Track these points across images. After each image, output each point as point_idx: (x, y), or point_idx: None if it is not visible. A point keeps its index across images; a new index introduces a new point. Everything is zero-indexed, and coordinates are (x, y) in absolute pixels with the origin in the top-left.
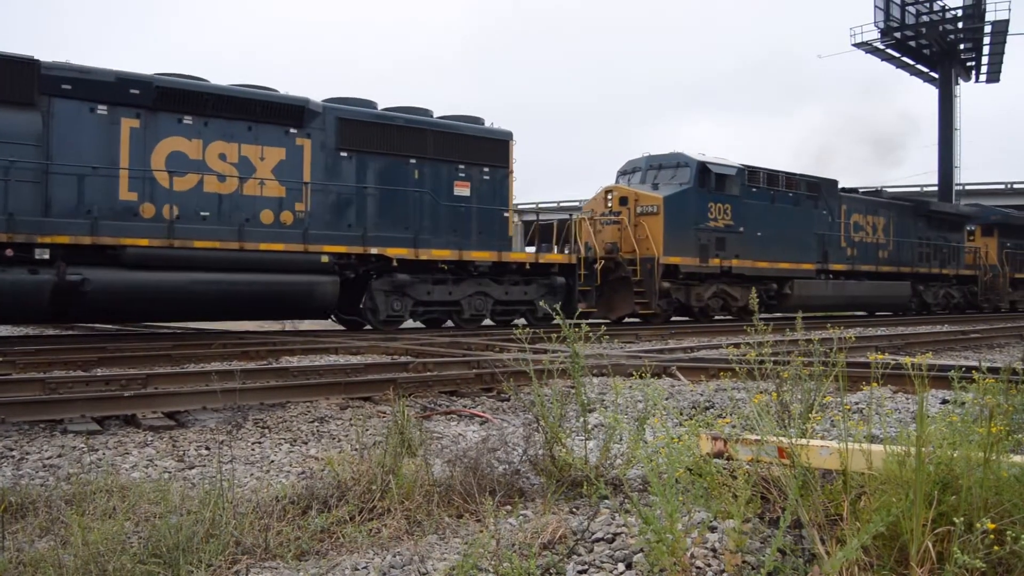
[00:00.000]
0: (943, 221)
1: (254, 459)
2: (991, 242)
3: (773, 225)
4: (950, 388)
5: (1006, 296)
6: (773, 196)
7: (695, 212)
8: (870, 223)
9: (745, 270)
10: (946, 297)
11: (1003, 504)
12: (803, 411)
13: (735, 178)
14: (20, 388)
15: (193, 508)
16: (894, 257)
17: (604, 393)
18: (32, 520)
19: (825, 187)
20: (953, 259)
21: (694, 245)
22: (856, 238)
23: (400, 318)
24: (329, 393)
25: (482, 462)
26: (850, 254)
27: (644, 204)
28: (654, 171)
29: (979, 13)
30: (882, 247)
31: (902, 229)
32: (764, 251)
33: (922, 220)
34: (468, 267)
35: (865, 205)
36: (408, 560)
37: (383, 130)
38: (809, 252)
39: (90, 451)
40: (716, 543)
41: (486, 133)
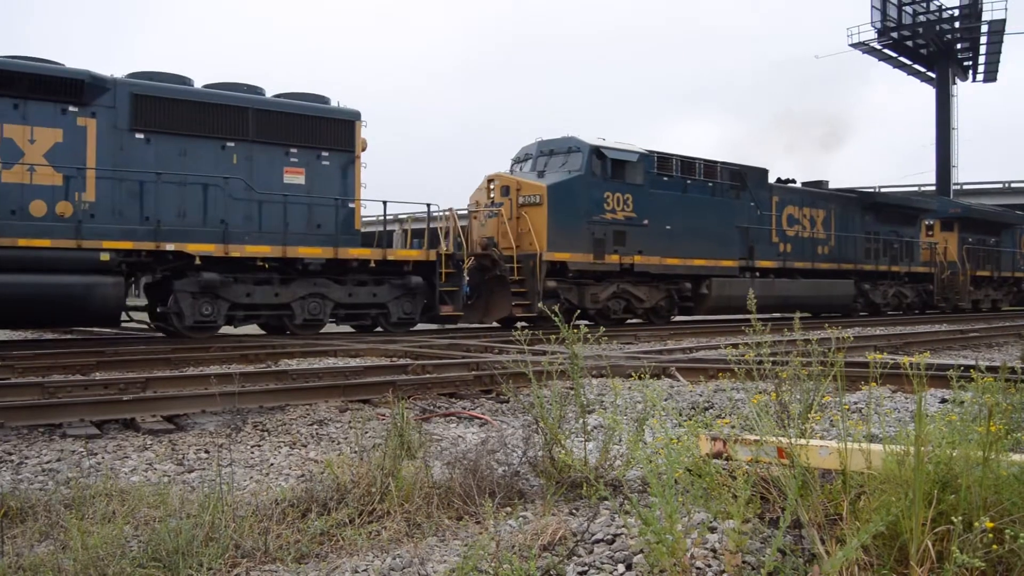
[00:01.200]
0: (894, 214)
1: (253, 462)
2: (951, 237)
3: (686, 218)
4: (949, 387)
5: (967, 295)
6: (686, 186)
7: (587, 203)
8: (807, 216)
9: (651, 268)
10: (897, 297)
11: (1002, 503)
12: (802, 411)
13: (637, 165)
14: (19, 392)
15: (193, 512)
16: (836, 253)
17: (603, 394)
18: (31, 525)
19: (752, 177)
20: (906, 255)
21: (587, 240)
22: (791, 232)
23: (212, 324)
24: (328, 396)
25: (481, 464)
26: (783, 250)
27: (526, 194)
28: (544, 157)
29: (976, 13)
30: (822, 242)
31: (846, 223)
32: (675, 246)
33: (870, 213)
34: (296, 265)
35: (801, 197)
36: (408, 562)
37: (192, 109)
38: (731, 247)
39: (89, 455)
40: (716, 543)
41: (325, 113)
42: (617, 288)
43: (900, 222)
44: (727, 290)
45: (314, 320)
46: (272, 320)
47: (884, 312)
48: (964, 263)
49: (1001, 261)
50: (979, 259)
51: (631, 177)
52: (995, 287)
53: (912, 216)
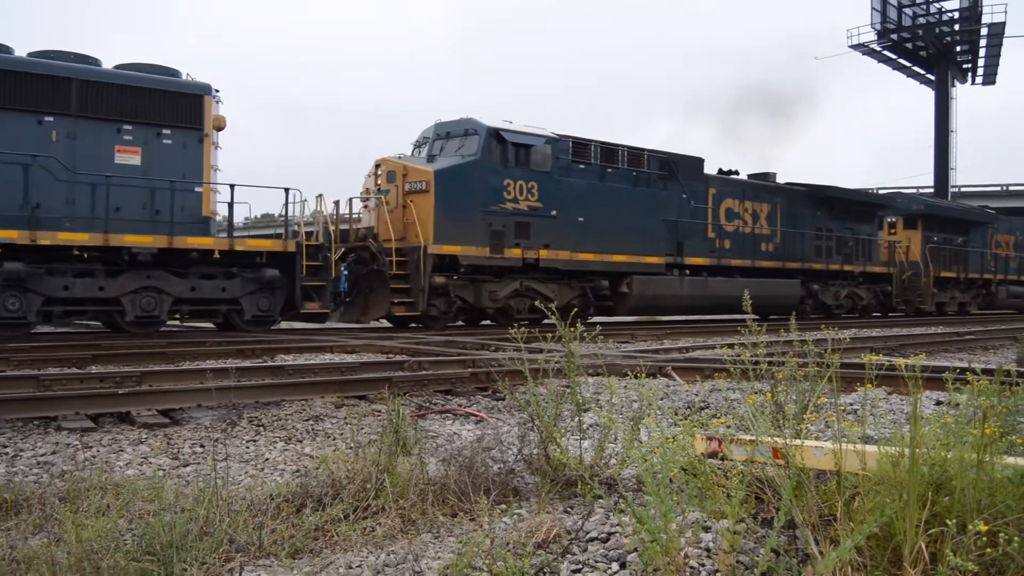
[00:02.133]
0: (850, 210)
1: (249, 457)
2: (914, 235)
3: (604, 209)
4: (944, 389)
5: (930, 297)
6: (605, 174)
7: (484, 190)
8: (749, 210)
9: (559, 263)
10: (851, 298)
11: (996, 506)
12: (798, 412)
13: (544, 150)
14: (14, 385)
15: (187, 506)
16: (781, 250)
17: (599, 393)
18: (26, 517)
19: (684, 166)
20: (862, 254)
21: (482, 231)
22: (729, 227)
23: (22, 320)
24: (324, 391)
25: (477, 461)
26: (720, 246)
27: (413, 180)
28: (441, 141)
29: (976, 15)
30: (766, 239)
31: (794, 218)
32: (590, 240)
33: (822, 208)
34: (122, 255)
35: (743, 189)
36: (402, 559)
37: (2, 79)
38: (656, 242)
39: (84, 448)
40: (710, 543)
41: (167, 86)
42: (520, 285)
43: (856, 219)
44: (651, 289)
45: (149, 317)
46: (101, 316)
47: (837, 315)
48: (928, 263)
49: (969, 262)
50: (945, 259)
51: (537, 163)
52: (962, 289)
53: (869, 213)
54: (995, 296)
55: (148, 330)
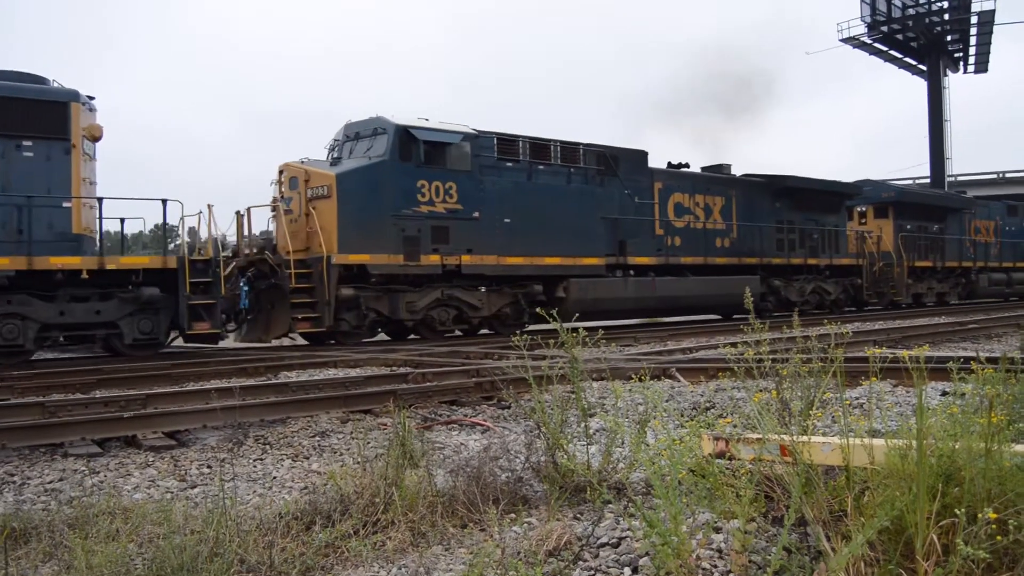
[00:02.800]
0: (814, 200)
1: (256, 476)
2: (886, 224)
3: (534, 209)
4: (949, 380)
5: (905, 288)
6: (534, 171)
7: (394, 193)
8: (701, 205)
9: (485, 268)
10: (817, 293)
11: (1006, 494)
12: (803, 408)
13: (462, 147)
14: (19, 412)
15: (196, 527)
16: (738, 246)
17: (604, 397)
18: (35, 545)
19: (626, 160)
20: (829, 246)
21: (394, 238)
22: (679, 223)
23: None
24: (329, 407)
25: (485, 471)
26: (671, 243)
27: (315, 185)
28: (351, 143)
29: (965, 4)
30: (721, 234)
31: (752, 211)
32: (519, 243)
33: (783, 200)
34: None
35: (693, 183)
36: (414, 572)
37: None
38: (594, 242)
39: (91, 474)
40: (721, 544)
41: (25, 93)
42: (441, 294)
43: (821, 209)
44: (591, 292)
45: (9, 346)
46: None
47: (805, 312)
48: (901, 253)
49: (946, 250)
50: (920, 248)
51: (455, 162)
52: (939, 279)
53: (835, 202)
54: (976, 285)
55: (12, 360)
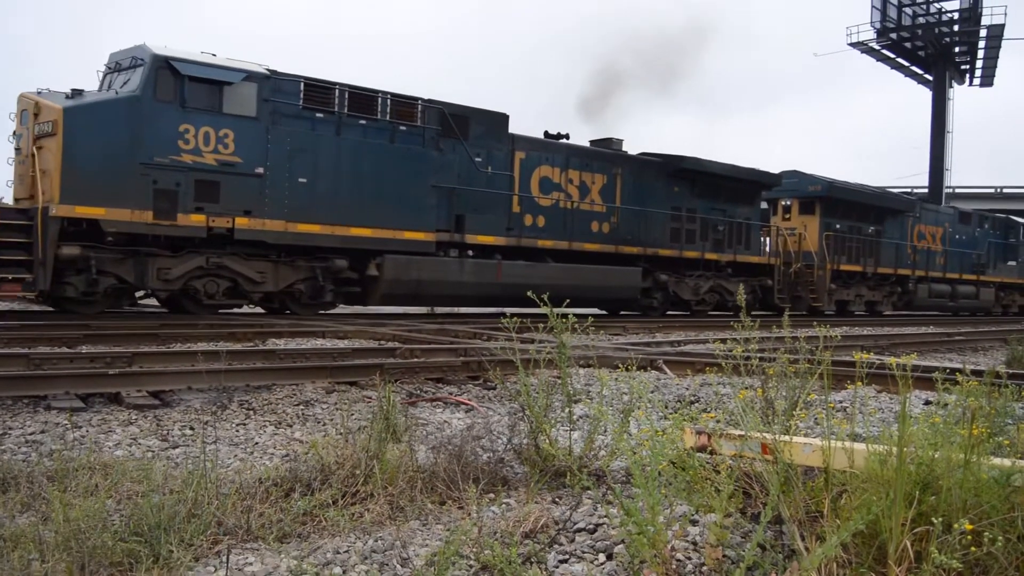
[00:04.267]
0: (722, 188)
1: (238, 440)
2: (811, 222)
3: (342, 170)
4: (934, 389)
5: (826, 294)
6: (348, 126)
7: (147, 137)
8: (576, 182)
9: (267, 235)
10: (717, 292)
11: (982, 506)
12: (787, 408)
13: (244, 89)
14: (4, 363)
15: (176, 488)
16: (620, 233)
17: (590, 384)
18: (13, 496)
19: (478, 123)
20: (737, 241)
21: (143, 190)
22: (545, 201)
23: None
24: (315, 377)
25: (466, 450)
26: (530, 224)
27: (43, 120)
28: (112, 75)
29: (975, 17)
30: (599, 217)
31: (643, 194)
32: (318, 208)
33: (683, 184)
34: None
35: (567, 156)
36: (390, 545)
37: None
38: (422, 214)
39: (73, 428)
40: (697, 536)
41: None
42: (207, 263)
43: (731, 199)
44: (413, 272)
45: None
46: None
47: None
48: (827, 253)
49: (881, 254)
50: (850, 250)
51: (235, 106)
52: (871, 286)
53: (749, 192)
54: (914, 295)
55: None
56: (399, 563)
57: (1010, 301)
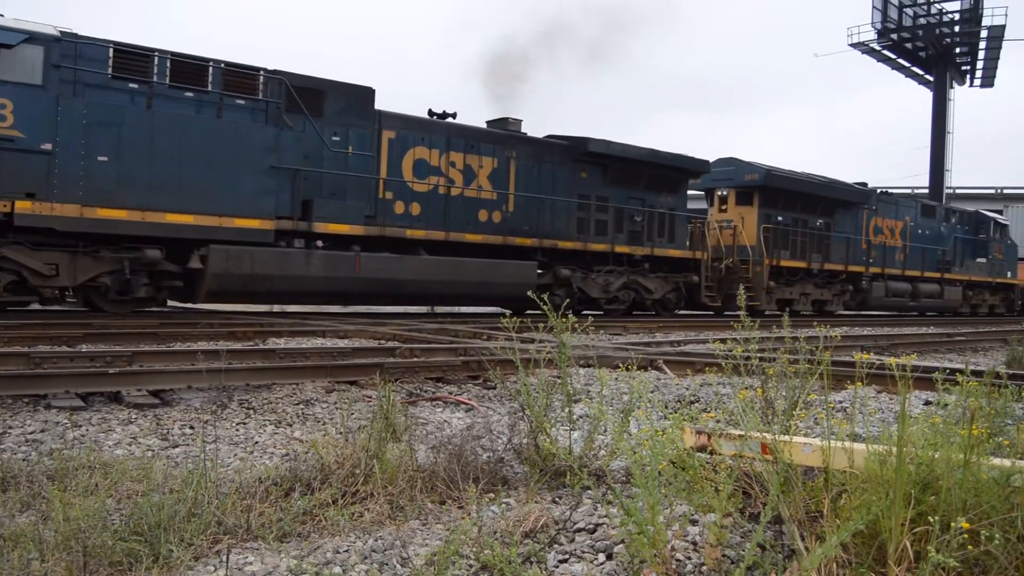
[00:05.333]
0: (640, 175)
1: (238, 440)
2: (749, 213)
3: (157, 147)
4: (934, 390)
5: (764, 292)
6: (161, 97)
7: None
8: (460, 165)
9: (56, 222)
10: (633, 289)
11: (981, 506)
12: (787, 408)
13: (25, 53)
14: (4, 362)
15: (176, 487)
16: (514, 222)
17: (590, 384)
18: (13, 495)
19: (337, 98)
20: (659, 233)
21: None
22: (421, 187)
23: None
24: (315, 376)
25: (466, 449)
26: (401, 211)
27: None
28: None
29: (976, 18)
30: (489, 205)
31: (543, 181)
32: (124, 191)
33: (593, 170)
34: None
35: (448, 137)
36: (390, 544)
37: None
38: (259, 199)
39: (73, 427)
40: (697, 536)
41: None
42: None
43: (650, 187)
44: (246, 265)
45: None
46: None
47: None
48: (765, 248)
49: (832, 249)
50: (794, 245)
51: (13, 71)
52: (819, 283)
53: (672, 180)
54: (868, 294)
55: None
56: (399, 563)
57: (979, 301)
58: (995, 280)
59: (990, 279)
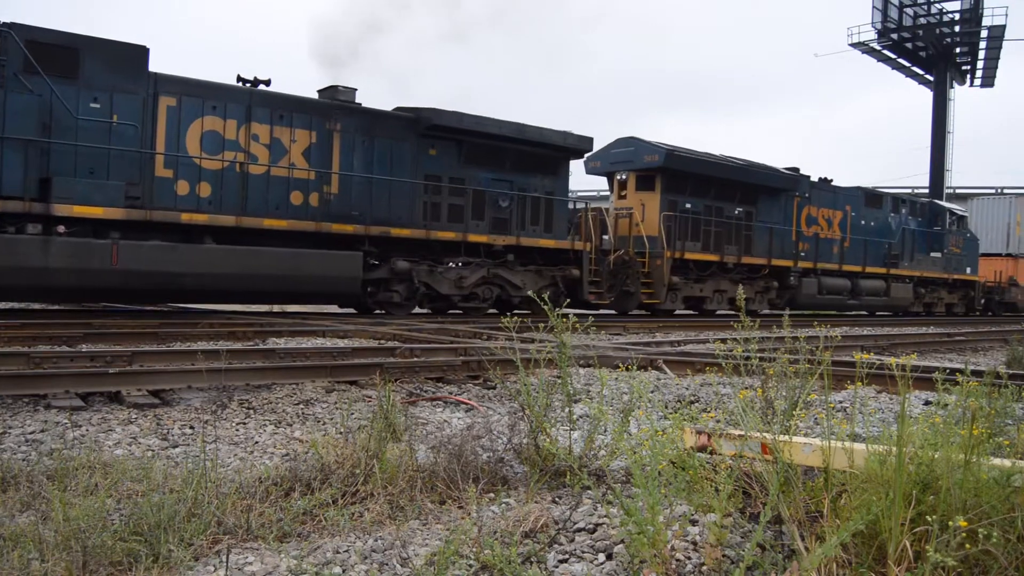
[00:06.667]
0: (506, 154)
1: (238, 440)
2: (651, 200)
3: None
4: (934, 390)
5: (665, 288)
6: None
7: None
8: (263, 138)
9: None
10: (496, 285)
11: (981, 506)
12: (787, 408)
13: None
14: (4, 362)
15: (176, 487)
16: (340, 206)
17: (590, 384)
18: (13, 495)
19: (96, 57)
20: (533, 220)
21: None
22: (213, 164)
23: None
24: (315, 376)
25: (466, 449)
26: (187, 192)
27: None
28: None
29: (976, 17)
30: (305, 186)
31: (379, 158)
32: None
33: (446, 148)
34: None
35: (247, 104)
36: (390, 544)
37: None
38: None
39: (73, 427)
40: (697, 536)
41: None
42: None
43: (523, 168)
44: None
45: None
46: None
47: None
48: (667, 239)
49: (754, 241)
50: (706, 235)
51: None
52: (736, 279)
53: (550, 161)
54: (797, 290)
55: None
56: (399, 563)
57: (935, 299)
58: (952, 277)
59: (946, 275)
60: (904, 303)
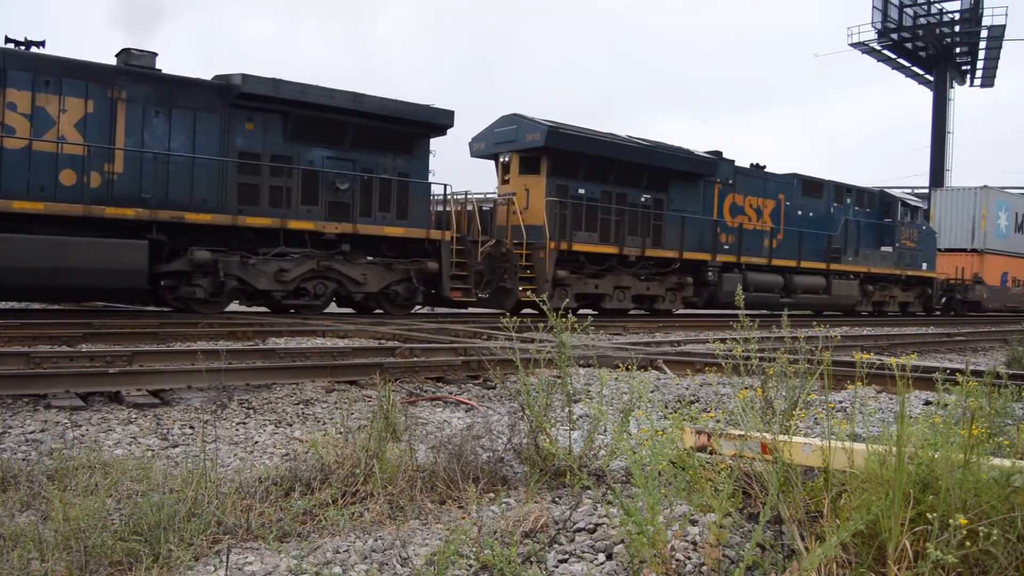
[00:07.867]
0: (346, 128)
1: (238, 439)
2: (536, 184)
3: None
4: (934, 390)
5: (550, 284)
6: None
7: None
8: (22, 107)
9: None
10: (333, 280)
11: (981, 506)
12: (787, 408)
13: None
14: (4, 362)
15: (176, 487)
16: (124, 187)
17: (590, 384)
18: (13, 495)
19: None
20: (382, 206)
21: None
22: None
23: None
24: (315, 376)
25: (466, 449)
26: None
27: None
28: None
29: (976, 17)
30: (79, 163)
31: (176, 132)
32: None
33: (267, 120)
34: None
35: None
36: (390, 544)
37: None
38: None
39: (73, 427)
40: (697, 536)
41: None
42: None
43: (368, 146)
44: None
45: None
46: None
47: (313, 309)
48: (553, 228)
49: (664, 232)
50: (604, 225)
51: None
52: (642, 275)
53: (404, 138)
54: (717, 287)
55: None
56: (399, 562)
57: (886, 297)
58: (905, 273)
59: (898, 271)
60: (849, 302)
